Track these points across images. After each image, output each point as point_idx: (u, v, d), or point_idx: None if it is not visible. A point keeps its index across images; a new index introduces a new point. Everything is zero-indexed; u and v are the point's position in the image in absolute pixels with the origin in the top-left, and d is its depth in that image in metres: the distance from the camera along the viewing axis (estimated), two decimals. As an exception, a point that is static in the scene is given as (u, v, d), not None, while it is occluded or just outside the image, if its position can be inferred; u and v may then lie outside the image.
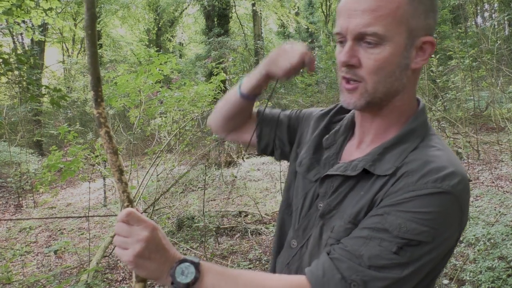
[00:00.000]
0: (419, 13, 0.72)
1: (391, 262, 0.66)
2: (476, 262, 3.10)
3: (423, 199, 0.66)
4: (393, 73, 0.74)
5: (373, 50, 0.72)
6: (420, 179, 0.68)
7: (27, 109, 10.81)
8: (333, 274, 0.69)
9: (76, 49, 18.81)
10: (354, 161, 0.79)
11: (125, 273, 4.00)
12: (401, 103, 0.79)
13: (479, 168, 6.24)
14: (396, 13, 0.70)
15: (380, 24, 0.70)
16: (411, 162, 0.72)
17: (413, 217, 0.66)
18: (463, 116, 8.05)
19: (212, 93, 4.98)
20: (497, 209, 4.09)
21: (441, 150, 0.74)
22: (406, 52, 0.74)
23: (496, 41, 8.38)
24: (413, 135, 0.77)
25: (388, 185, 0.72)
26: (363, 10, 0.70)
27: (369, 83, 0.74)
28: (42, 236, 5.74)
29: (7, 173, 8.76)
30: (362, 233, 0.70)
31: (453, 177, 0.68)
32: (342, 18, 0.74)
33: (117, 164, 0.70)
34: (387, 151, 0.76)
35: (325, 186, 0.82)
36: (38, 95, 4.05)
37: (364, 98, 0.75)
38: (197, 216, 5.14)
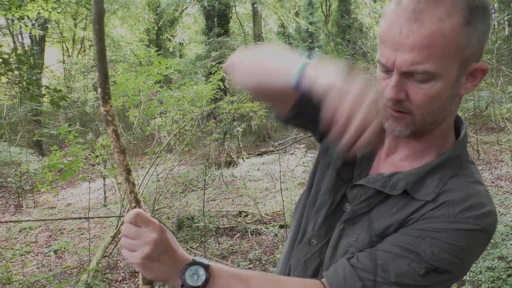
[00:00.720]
0: (473, 41, 0.67)
1: (415, 283, 0.68)
2: (476, 262, 3.10)
3: (462, 233, 0.67)
4: (443, 104, 0.71)
5: (423, 85, 0.68)
6: (461, 212, 0.68)
7: (27, 109, 10.81)
8: (354, 281, 0.69)
9: (76, 49, 18.81)
10: (392, 176, 0.75)
11: (125, 273, 4.00)
12: (445, 127, 0.77)
13: (479, 168, 6.24)
14: (449, 49, 0.65)
15: (431, 62, 0.65)
16: (451, 191, 0.71)
17: (448, 248, 0.67)
18: (463, 116, 8.05)
19: (211, 92, 4.99)
20: (497, 209, 4.10)
21: (480, 183, 0.74)
22: (457, 83, 0.70)
23: (496, 41, 8.38)
24: (455, 161, 0.75)
25: (425, 209, 0.71)
26: (412, 46, 0.64)
27: (417, 115, 0.71)
28: (42, 236, 5.74)
29: (7, 173, 8.76)
30: (392, 249, 0.70)
31: (491, 215, 0.69)
32: (388, 49, 0.68)
33: (125, 164, 0.68)
34: (428, 175, 0.74)
35: (356, 192, 0.80)
36: (38, 95, 4.05)
37: (410, 129, 0.73)
38: (197, 216, 5.14)
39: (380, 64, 0.71)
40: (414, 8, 0.64)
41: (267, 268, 3.77)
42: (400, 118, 0.72)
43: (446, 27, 0.64)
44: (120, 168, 0.69)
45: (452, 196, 0.70)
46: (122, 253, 0.68)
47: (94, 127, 9.54)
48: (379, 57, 0.71)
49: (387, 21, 0.68)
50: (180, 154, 6.56)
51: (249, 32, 15.49)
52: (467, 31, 0.65)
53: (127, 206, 4.54)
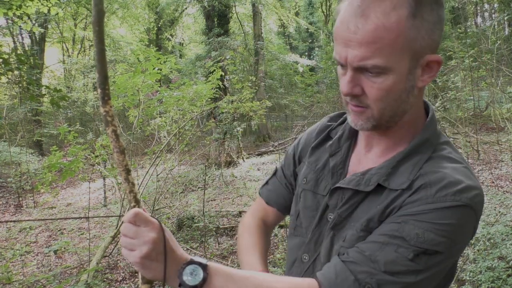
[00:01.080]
0: (423, 33, 0.67)
1: (406, 268, 0.68)
2: (476, 262, 3.10)
3: (443, 211, 0.67)
4: (399, 97, 0.72)
5: (376, 79, 0.69)
6: (439, 191, 0.69)
7: (27, 109, 10.82)
8: (346, 276, 0.69)
9: (76, 49, 18.82)
10: (366, 173, 0.77)
11: (125, 273, 4.00)
12: (409, 118, 0.78)
13: (479, 168, 6.24)
14: (396, 42, 0.66)
15: (379, 56, 0.66)
16: (427, 174, 0.72)
17: (432, 228, 0.67)
18: (463, 116, 8.05)
19: (210, 92, 4.99)
20: (497, 209, 4.10)
21: (456, 161, 0.74)
22: (411, 75, 0.70)
23: (496, 41, 8.38)
24: (425, 145, 0.76)
25: (403, 197, 0.72)
26: (360, 42, 0.66)
27: (374, 109, 0.72)
28: (42, 236, 5.74)
29: (7, 173, 8.77)
30: (378, 239, 0.71)
31: (470, 190, 0.69)
32: (340, 46, 0.70)
33: (124, 164, 0.69)
34: (400, 164, 0.75)
35: (335, 198, 0.81)
36: (38, 95, 4.06)
37: (371, 122, 0.74)
38: (197, 216, 5.15)
39: (335, 60, 0.73)
40: (360, 4, 0.66)
41: (267, 268, 3.77)
42: (360, 113, 0.74)
43: (391, 21, 0.64)
44: (119, 168, 0.69)
45: (427, 178, 0.70)
46: (121, 252, 0.69)
47: (94, 127, 9.55)
48: (334, 54, 0.73)
49: (339, 18, 0.70)
50: (180, 154, 6.56)
51: (249, 32, 15.48)
52: (414, 24, 0.65)
53: (127, 206, 4.54)
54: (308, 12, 19.25)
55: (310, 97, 11.55)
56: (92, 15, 0.67)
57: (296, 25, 17.92)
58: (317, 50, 19.56)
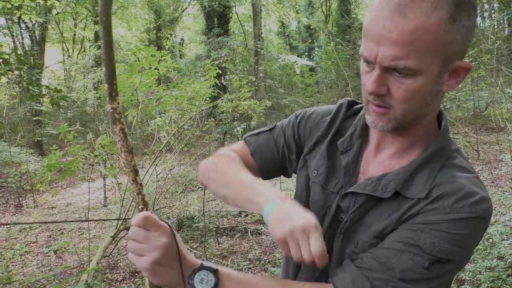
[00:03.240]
0: (458, 38, 0.65)
1: (421, 276, 0.68)
2: (476, 262, 3.10)
3: (459, 222, 0.68)
4: (424, 100, 0.70)
5: (404, 80, 0.67)
6: (456, 202, 0.69)
7: (27, 109, 10.81)
8: (362, 282, 0.69)
9: (76, 49, 18.81)
10: (382, 179, 0.76)
11: (125, 273, 4.00)
12: (427, 123, 0.77)
13: (479, 168, 6.24)
14: (432, 45, 0.63)
15: (413, 58, 0.64)
16: (443, 184, 0.71)
17: (447, 237, 0.68)
18: (463, 116, 8.05)
19: (209, 90, 4.99)
20: (497, 209, 4.10)
21: (468, 171, 0.75)
22: (439, 79, 0.69)
23: (496, 41, 8.38)
24: (439, 153, 0.76)
25: (419, 206, 0.72)
26: (395, 42, 0.63)
27: (398, 111, 0.70)
28: (42, 236, 5.74)
29: (7, 173, 8.76)
30: (394, 246, 0.70)
31: (485, 202, 0.70)
32: (371, 43, 0.67)
33: (132, 164, 0.66)
34: (417, 172, 0.74)
35: (348, 200, 0.80)
36: (38, 95, 4.05)
37: (392, 124, 0.72)
38: (197, 216, 5.15)
39: (363, 57, 0.70)
40: (399, 1, 0.63)
41: (267, 268, 3.77)
42: (382, 114, 0.72)
43: (430, 22, 0.62)
44: (127, 168, 0.66)
45: (444, 189, 0.70)
46: (128, 257, 0.66)
47: (94, 127, 9.54)
48: (362, 50, 0.70)
49: (372, 14, 0.67)
50: (180, 154, 6.56)
51: (249, 32, 15.48)
52: (451, 28, 0.63)
53: (127, 206, 4.55)
54: (308, 12, 19.24)
55: (310, 97, 11.54)
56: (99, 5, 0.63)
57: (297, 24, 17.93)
58: (317, 50, 19.55)
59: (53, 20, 14.86)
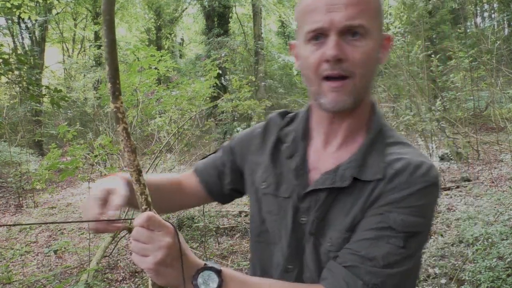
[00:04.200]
0: (382, 11, 0.76)
1: (401, 256, 0.70)
2: (475, 262, 3.10)
3: (417, 194, 0.72)
4: (374, 66, 0.75)
5: (359, 43, 0.71)
6: (409, 176, 0.72)
7: (27, 109, 10.80)
8: (355, 281, 0.70)
9: (76, 49, 18.81)
10: (337, 170, 0.77)
11: (125, 273, 4.00)
12: (368, 100, 0.81)
13: (479, 168, 6.25)
14: (372, 8, 0.73)
15: (363, 17, 0.71)
16: (394, 162, 0.75)
17: (412, 212, 0.71)
18: (463, 116, 8.04)
19: (208, 90, 4.99)
20: (497, 209, 4.10)
21: (408, 145, 0.80)
22: (379, 47, 0.76)
23: (496, 41, 8.38)
24: (380, 133, 0.80)
25: (379, 187, 0.74)
26: (346, 4, 0.70)
27: (357, 77, 0.72)
28: (42, 236, 5.74)
29: (7, 173, 8.76)
30: (367, 235, 0.72)
31: (432, 169, 0.74)
32: (320, 14, 0.71)
33: (135, 164, 0.64)
34: (367, 155, 0.77)
35: (308, 201, 0.79)
36: (38, 95, 4.06)
37: (353, 96, 0.74)
38: (197, 216, 5.15)
39: (309, 33, 0.73)
40: None
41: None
42: (342, 87, 0.73)
43: None
44: (130, 168, 0.65)
45: (396, 167, 0.74)
46: (132, 258, 0.65)
47: (94, 127, 9.54)
48: (309, 27, 0.73)
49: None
50: (180, 154, 6.56)
51: (249, 32, 15.47)
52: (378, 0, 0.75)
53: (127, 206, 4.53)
54: (308, 12, 19.24)
55: (310, 97, 11.54)
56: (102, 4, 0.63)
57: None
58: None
59: (53, 20, 14.86)
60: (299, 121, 0.88)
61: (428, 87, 7.83)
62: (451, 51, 8.59)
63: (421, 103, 7.86)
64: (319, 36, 0.72)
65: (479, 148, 6.87)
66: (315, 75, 0.74)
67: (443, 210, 4.61)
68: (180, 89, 4.81)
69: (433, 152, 7.08)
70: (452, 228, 4.07)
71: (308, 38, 0.74)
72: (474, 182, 5.54)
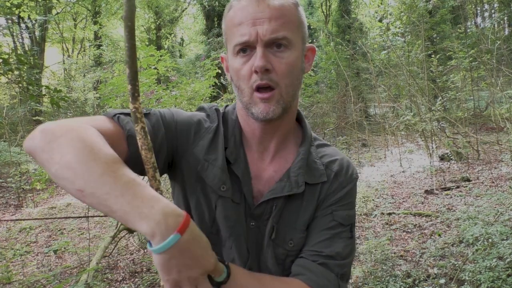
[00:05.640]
0: (304, 23, 0.81)
1: (352, 245, 0.85)
2: (475, 262, 3.10)
3: (351, 191, 0.87)
4: (298, 76, 0.80)
5: (283, 54, 0.76)
6: (344, 177, 0.86)
7: (27, 109, 10.81)
8: (329, 274, 0.80)
9: (76, 49, 18.82)
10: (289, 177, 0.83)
11: (125, 273, 4.00)
12: (294, 108, 0.86)
13: (479, 168, 6.24)
14: (294, 20, 0.77)
15: (287, 29, 0.75)
16: (331, 164, 0.87)
17: (350, 206, 0.86)
18: (463, 116, 8.04)
19: (208, 90, 4.99)
20: (497, 209, 4.10)
21: (330, 146, 0.93)
22: (303, 58, 0.81)
23: (496, 41, 8.38)
24: (310, 138, 0.89)
25: (324, 187, 0.85)
26: (269, 18, 0.74)
27: (282, 87, 0.76)
28: (42, 236, 5.74)
29: (7, 173, 8.76)
30: (325, 235, 0.82)
31: (353, 167, 0.89)
32: (247, 27, 0.74)
33: (152, 161, 0.68)
34: (309, 160, 0.86)
35: (262, 207, 0.82)
36: (38, 95, 4.05)
37: (281, 105, 0.77)
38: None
39: (237, 46, 0.76)
40: None
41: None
42: (270, 98, 0.76)
43: (288, 3, 0.77)
44: (147, 166, 0.69)
45: (334, 169, 0.86)
46: None
47: (94, 127, 9.54)
48: (237, 40, 0.75)
49: (238, 9, 0.77)
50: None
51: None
52: (299, 11, 0.80)
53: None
54: (308, 12, 19.26)
55: (310, 97, 11.54)
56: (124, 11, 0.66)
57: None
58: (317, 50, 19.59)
59: (53, 20, 14.86)
60: (233, 125, 0.86)
61: (428, 87, 7.82)
62: (451, 51, 8.59)
63: (421, 103, 7.86)
64: (246, 49, 0.76)
65: (479, 148, 6.87)
66: (247, 86, 0.77)
67: (443, 210, 4.61)
68: (179, 89, 4.81)
69: (433, 152, 7.08)
70: (452, 228, 4.07)
71: (236, 51, 0.77)
72: (474, 182, 5.54)
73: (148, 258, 4.26)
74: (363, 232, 4.32)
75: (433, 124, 6.80)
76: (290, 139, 0.88)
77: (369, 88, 13.71)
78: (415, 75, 8.98)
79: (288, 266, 0.83)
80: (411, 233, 4.18)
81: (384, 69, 9.60)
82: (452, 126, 7.47)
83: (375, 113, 13.31)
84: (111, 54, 15.55)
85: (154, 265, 0.62)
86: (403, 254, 3.64)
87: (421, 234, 4.07)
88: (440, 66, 9.15)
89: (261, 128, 0.83)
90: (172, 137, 0.82)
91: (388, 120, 9.27)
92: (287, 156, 0.86)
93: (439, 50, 10.72)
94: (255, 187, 0.83)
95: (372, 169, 7.60)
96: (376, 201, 5.43)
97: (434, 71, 9.26)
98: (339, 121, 10.49)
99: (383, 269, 3.27)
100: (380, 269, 3.29)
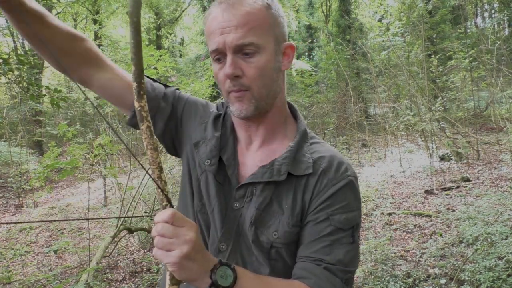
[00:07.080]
0: (278, 23, 0.83)
1: (354, 250, 0.83)
2: (475, 262, 3.10)
3: (346, 189, 0.84)
4: (272, 76, 0.83)
5: (252, 59, 0.80)
6: (335, 173, 0.84)
7: (27, 109, 10.80)
8: (334, 279, 0.80)
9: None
10: (273, 165, 0.85)
11: (125, 273, 4.00)
12: (280, 104, 0.90)
13: (479, 168, 6.25)
14: (263, 25, 0.80)
15: (253, 35, 0.78)
16: (320, 160, 0.86)
17: (347, 208, 0.83)
18: (463, 116, 8.05)
19: (208, 90, 4.99)
20: (497, 209, 4.10)
21: (325, 144, 0.93)
22: (277, 57, 0.84)
23: (496, 41, 8.38)
24: (305, 133, 0.91)
25: (310, 180, 0.84)
26: (236, 26, 0.78)
27: (255, 89, 0.82)
28: (42, 236, 5.74)
29: (7, 173, 8.76)
30: (324, 242, 0.81)
31: (347, 165, 0.87)
32: (216, 36, 0.79)
33: (158, 161, 0.67)
34: (297, 153, 0.87)
35: (244, 190, 0.86)
36: (38, 95, 4.05)
37: (253, 104, 0.83)
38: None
39: (212, 54, 0.82)
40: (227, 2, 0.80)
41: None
42: (242, 97, 0.82)
43: (256, 7, 0.80)
44: (152, 166, 0.68)
45: (323, 164, 0.86)
46: (153, 253, 0.68)
47: (94, 127, 9.54)
48: (212, 47, 0.81)
49: (208, 20, 0.82)
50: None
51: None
52: (271, 13, 0.82)
53: (127, 206, 4.54)
54: (308, 12, 19.25)
55: (310, 97, 11.52)
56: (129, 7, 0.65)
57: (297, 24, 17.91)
58: (317, 50, 19.56)
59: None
60: (229, 118, 0.96)
61: (428, 87, 7.82)
62: (451, 51, 8.59)
63: (421, 103, 7.86)
64: (220, 56, 0.81)
65: (479, 148, 6.87)
66: (223, 90, 0.85)
67: (443, 210, 4.61)
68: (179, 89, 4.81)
69: (433, 152, 7.08)
70: (452, 228, 4.07)
71: (213, 58, 0.84)
72: (474, 182, 5.54)
73: (148, 258, 4.26)
74: (363, 232, 4.33)
75: (433, 124, 6.79)
76: (279, 133, 0.91)
77: (369, 88, 13.70)
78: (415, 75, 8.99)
79: (274, 257, 0.85)
80: (411, 233, 4.18)
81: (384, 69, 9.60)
82: (452, 126, 7.47)
83: (375, 113, 13.31)
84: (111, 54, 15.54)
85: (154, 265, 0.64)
86: (403, 254, 3.64)
87: (421, 234, 4.07)
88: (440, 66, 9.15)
89: (244, 124, 0.90)
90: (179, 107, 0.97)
91: (388, 120, 9.26)
92: (276, 149, 0.89)
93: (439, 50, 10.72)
94: (241, 172, 0.89)
95: (372, 169, 7.60)
96: (376, 201, 5.43)
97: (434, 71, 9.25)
98: (339, 121, 10.49)
99: (383, 269, 3.27)
100: (380, 269, 3.29)
